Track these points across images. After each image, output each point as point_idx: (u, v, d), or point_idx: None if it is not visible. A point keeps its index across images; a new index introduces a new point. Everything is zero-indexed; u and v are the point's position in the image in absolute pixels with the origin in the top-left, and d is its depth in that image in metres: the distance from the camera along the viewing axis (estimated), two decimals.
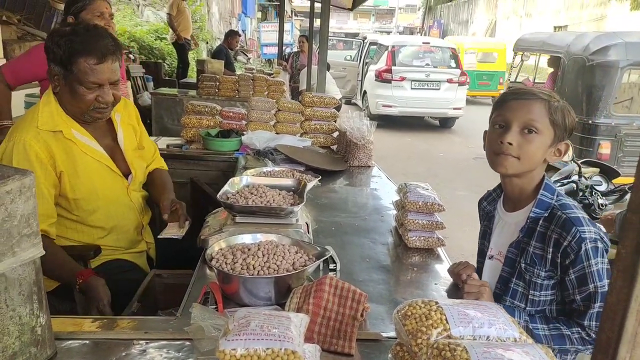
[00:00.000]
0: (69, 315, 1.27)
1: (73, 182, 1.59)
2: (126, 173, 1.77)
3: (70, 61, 1.46)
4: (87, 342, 1.03)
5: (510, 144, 1.23)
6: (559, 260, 1.21)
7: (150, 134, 2.17)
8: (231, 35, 8.48)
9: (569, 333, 1.20)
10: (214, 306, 1.19)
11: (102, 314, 1.43)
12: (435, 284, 1.45)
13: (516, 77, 7.08)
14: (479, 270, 1.43)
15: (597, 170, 3.16)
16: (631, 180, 3.11)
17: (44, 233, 1.37)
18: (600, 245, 1.18)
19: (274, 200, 1.57)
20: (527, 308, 1.27)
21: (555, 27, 17.97)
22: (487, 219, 1.44)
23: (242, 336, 0.70)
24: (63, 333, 1.06)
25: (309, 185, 1.88)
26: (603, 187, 3.09)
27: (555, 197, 1.26)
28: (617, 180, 3.15)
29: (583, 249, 1.17)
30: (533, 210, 1.26)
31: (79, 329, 1.08)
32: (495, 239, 1.39)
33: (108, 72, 1.52)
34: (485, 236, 1.44)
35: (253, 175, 1.85)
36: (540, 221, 1.25)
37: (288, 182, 1.78)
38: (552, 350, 1.20)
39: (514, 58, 7.13)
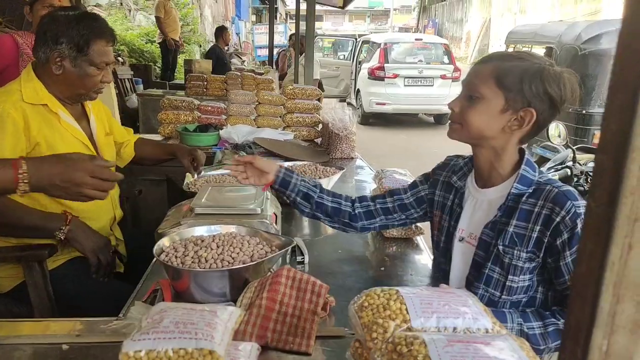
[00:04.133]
0: (15, 319, 1.15)
1: (53, 145, 1.55)
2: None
3: (88, 43, 1.55)
4: (6, 346, 0.91)
5: (453, 110, 1.17)
6: (546, 240, 1.08)
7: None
8: (221, 31, 8.11)
9: None
10: None
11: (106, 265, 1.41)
12: (412, 274, 1.33)
13: None
14: (446, 250, 1.28)
15: (592, 156, 3.04)
16: None
17: None
18: None
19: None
20: (503, 297, 1.13)
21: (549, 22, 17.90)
22: (454, 194, 1.29)
23: (151, 335, 0.58)
24: None
25: (334, 178, 1.86)
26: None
27: (537, 173, 1.14)
28: None
29: (579, 226, 1.03)
30: (515, 187, 1.12)
31: (5, 334, 0.96)
32: (466, 219, 1.24)
33: (111, 54, 1.65)
34: (452, 215, 1.28)
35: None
36: (524, 198, 1.12)
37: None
38: (549, 349, 1.08)
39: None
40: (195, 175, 1.89)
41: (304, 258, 1.35)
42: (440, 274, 1.32)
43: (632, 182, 0.35)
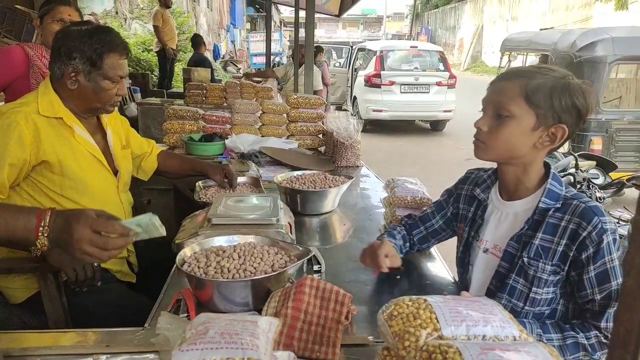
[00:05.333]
0: (32, 330, 1.16)
1: (64, 163, 1.56)
2: (114, 172, 1.75)
3: (101, 58, 1.56)
4: (38, 358, 0.93)
5: (480, 129, 1.16)
6: (571, 254, 1.09)
7: None
8: (199, 39, 8.17)
9: (585, 341, 1.07)
10: (186, 314, 1.09)
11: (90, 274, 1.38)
12: (427, 282, 1.35)
13: None
14: (461, 260, 1.32)
15: (593, 163, 3.09)
16: (627, 174, 3.05)
17: None
18: (618, 238, 1.07)
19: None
20: (526, 308, 1.15)
21: (541, 30, 18.14)
22: (477, 206, 1.31)
23: (198, 345, 0.60)
24: (15, 349, 0.95)
25: (343, 187, 1.87)
26: (600, 180, 3.00)
27: (564, 187, 1.15)
28: (614, 174, 3.08)
29: (605, 241, 1.05)
30: (543, 201, 1.13)
31: (31, 345, 0.97)
32: (490, 231, 1.25)
33: (126, 66, 1.66)
34: (473, 225, 1.30)
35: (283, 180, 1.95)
36: (551, 212, 1.13)
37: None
38: None
39: (501, 58, 7.10)
40: (230, 190, 1.89)
41: (320, 267, 1.37)
42: (460, 283, 1.35)
43: None
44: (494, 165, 1.27)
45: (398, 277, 1.38)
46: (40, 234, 0.99)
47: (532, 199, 1.18)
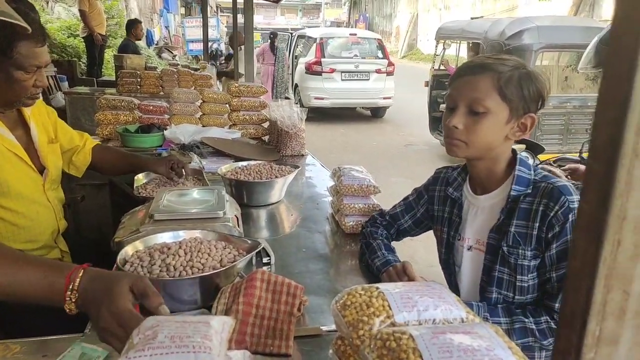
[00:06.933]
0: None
1: None
2: (40, 169, 1.61)
3: (10, 46, 1.39)
4: None
5: (455, 127, 1.13)
6: (543, 235, 1.10)
7: None
8: (133, 25, 7.64)
9: (534, 326, 1.09)
10: None
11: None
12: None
13: (439, 65, 7.28)
14: (445, 261, 1.32)
15: (523, 146, 3.26)
16: (552, 156, 3.24)
17: None
18: None
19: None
20: (517, 297, 1.15)
21: (472, 19, 18.93)
22: (452, 205, 1.29)
23: (147, 351, 0.57)
24: None
25: (289, 177, 1.81)
26: (530, 162, 3.17)
27: (532, 171, 1.17)
28: (542, 156, 3.27)
29: (570, 219, 1.06)
30: (513, 188, 1.14)
31: None
32: (470, 227, 1.24)
33: (45, 55, 1.49)
34: (451, 225, 1.29)
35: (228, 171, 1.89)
36: (522, 197, 1.14)
37: None
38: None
39: (436, 46, 7.32)
40: (183, 180, 1.79)
41: (269, 259, 1.35)
42: (448, 285, 1.33)
43: (621, 186, 0.40)
44: (461, 161, 1.27)
45: (348, 265, 1.38)
46: (67, 298, 0.86)
47: (503, 189, 1.18)
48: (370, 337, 0.74)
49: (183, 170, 1.79)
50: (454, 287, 1.31)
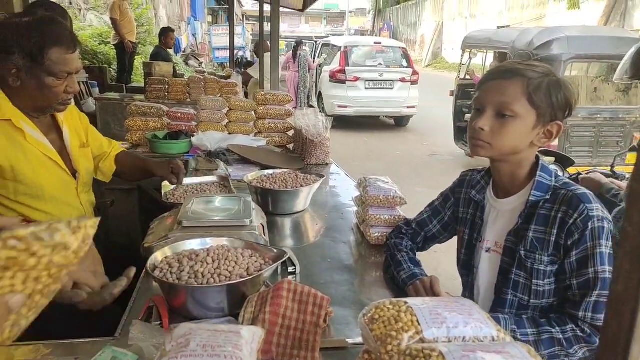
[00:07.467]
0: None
1: (16, 168, 1.46)
2: (73, 173, 1.66)
3: (42, 52, 1.42)
4: None
5: (482, 129, 1.14)
6: (562, 242, 1.11)
7: None
8: (164, 33, 7.73)
9: (560, 336, 1.09)
10: (159, 322, 1.06)
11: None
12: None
13: (465, 75, 7.21)
14: (466, 262, 1.33)
15: (552, 159, 3.19)
16: (583, 169, 3.17)
17: None
18: (606, 225, 1.09)
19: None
20: (532, 301, 1.17)
21: (498, 27, 18.73)
22: (475, 208, 1.32)
23: (180, 359, 0.58)
24: None
25: (315, 186, 1.84)
26: (551, 169, 3.09)
27: (554, 178, 1.18)
28: (572, 170, 3.20)
29: (589, 227, 1.07)
30: (533, 194, 1.16)
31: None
32: (490, 230, 1.27)
33: (77, 61, 1.52)
34: (474, 227, 1.31)
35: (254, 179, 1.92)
36: (541, 203, 1.15)
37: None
38: (543, 357, 1.12)
39: (462, 56, 7.26)
40: (176, 184, 1.80)
41: (295, 269, 1.36)
42: (465, 288, 1.35)
43: None
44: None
45: (373, 276, 1.38)
46: None
47: (524, 193, 1.20)
48: (399, 353, 0.73)
49: (179, 176, 1.78)
50: (471, 288, 1.32)
